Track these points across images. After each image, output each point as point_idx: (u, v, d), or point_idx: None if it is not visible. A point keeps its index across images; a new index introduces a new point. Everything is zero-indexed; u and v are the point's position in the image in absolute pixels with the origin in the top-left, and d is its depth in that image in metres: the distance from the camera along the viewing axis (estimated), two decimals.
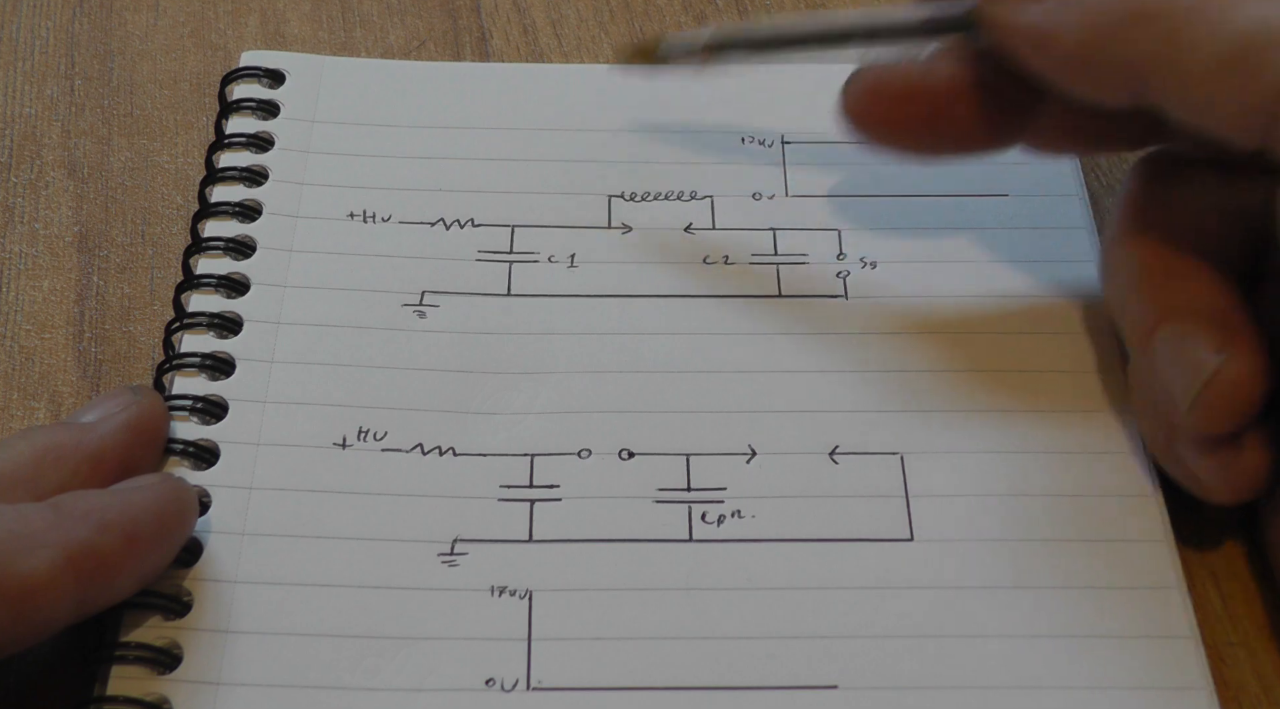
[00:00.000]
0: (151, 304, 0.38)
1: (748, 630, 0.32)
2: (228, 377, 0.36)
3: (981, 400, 0.36)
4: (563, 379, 0.36)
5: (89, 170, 0.41)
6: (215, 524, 0.33)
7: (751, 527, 0.34)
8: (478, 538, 0.33)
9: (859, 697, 0.31)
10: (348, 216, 0.40)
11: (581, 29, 0.45)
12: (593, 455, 0.35)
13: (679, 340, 0.37)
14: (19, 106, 0.43)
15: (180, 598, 0.32)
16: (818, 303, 0.38)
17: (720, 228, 0.40)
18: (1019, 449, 0.35)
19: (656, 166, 0.41)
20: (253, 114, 0.42)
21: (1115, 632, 0.32)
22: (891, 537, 0.34)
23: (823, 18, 0.36)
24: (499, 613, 0.32)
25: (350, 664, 0.31)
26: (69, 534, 0.29)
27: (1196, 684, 0.31)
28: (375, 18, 0.46)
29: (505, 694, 0.31)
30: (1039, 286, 0.38)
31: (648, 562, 0.33)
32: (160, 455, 0.34)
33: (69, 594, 0.29)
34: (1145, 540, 0.34)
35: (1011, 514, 0.34)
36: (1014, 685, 0.31)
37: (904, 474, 0.35)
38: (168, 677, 0.31)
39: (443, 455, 0.35)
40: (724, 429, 0.35)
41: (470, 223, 0.40)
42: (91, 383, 0.37)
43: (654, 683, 0.31)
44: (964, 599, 0.33)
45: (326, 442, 0.35)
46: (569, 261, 0.39)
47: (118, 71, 0.44)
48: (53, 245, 0.40)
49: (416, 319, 0.37)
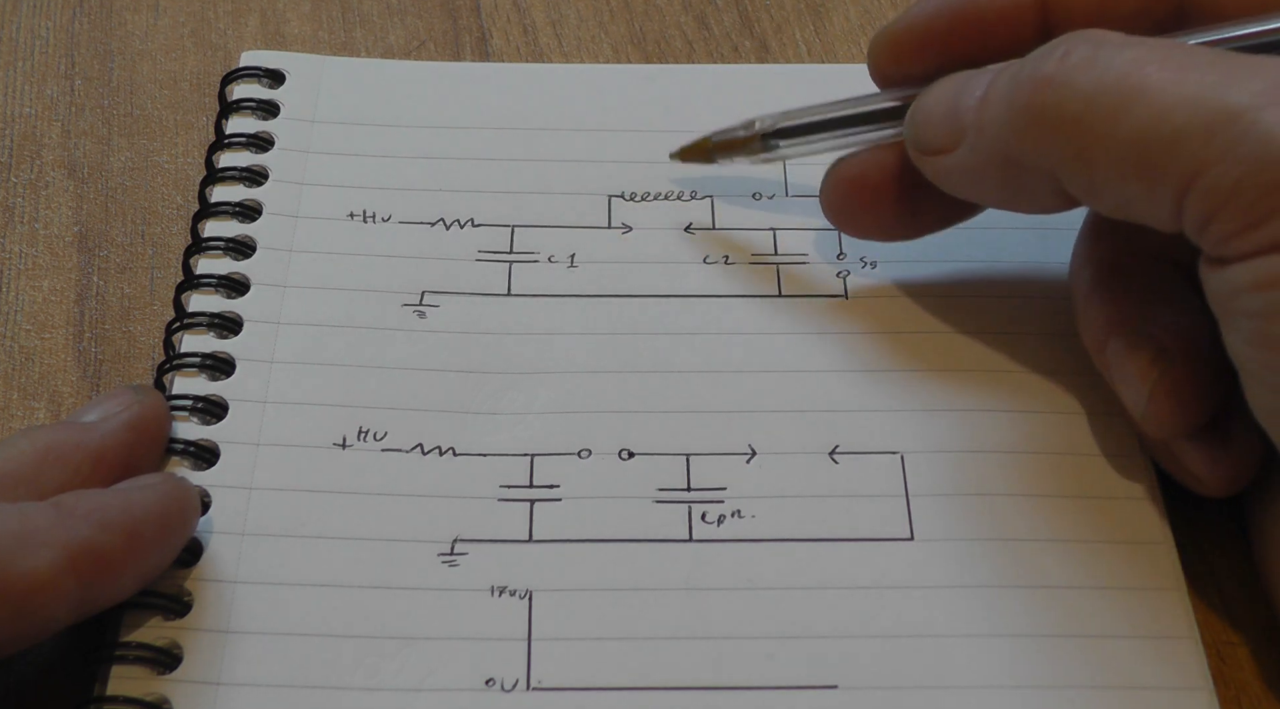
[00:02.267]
0: (151, 304, 0.38)
1: (748, 630, 0.32)
2: (228, 376, 0.36)
3: (981, 400, 0.36)
4: (563, 379, 0.36)
5: (89, 170, 0.41)
6: (215, 524, 0.33)
7: (751, 526, 0.34)
8: (478, 538, 0.33)
9: (859, 697, 0.31)
10: (348, 216, 0.40)
11: (581, 29, 0.45)
12: (593, 455, 0.35)
13: (679, 340, 0.37)
14: (19, 106, 0.43)
15: (180, 598, 0.32)
16: (818, 303, 0.38)
17: (720, 228, 0.40)
18: (1019, 449, 0.35)
19: (656, 166, 0.41)
20: (253, 114, 0.42)
21: (1115, 632, 0.32)
22: (891, 537, 0.34)
23: (861, 100, 0.36)
24: (499, 613, 0.32)
25: (350, 664, 0.31)
26: (70, 533, 0.29)
27: (1196, 684, 0.31)
28: (375, 18, 0.46)
29: (505, 694, 0.31)
30: (1038, 287, 0.38)
31: (648, 562, 0.33)
32: (161, 455, 0.34)
33: (70, 593, 0.29)
34: (1145, 540, 0.34)
35: (1011, 514, 0.34)
36: (1014, 685, 0.31)
37: (904, 474, 0.35)
38: (168, 677, 0.31)
39: (443, 455, 0.35)
40: (724, 429, 0.35)
41: (470, 223, 0.40)
42: (91, 383, 0.37)
43: (654, 683, 0.31)
44: (964, 599, 0.33)
45: (326, 442, 0.35)
46: (569, 261, 0.39)
47: (118, 71, 0.44)
48: (53, 245, 0.40)
49: (416, 319, 0.37)
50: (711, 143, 0.39)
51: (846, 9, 0.46)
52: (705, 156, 0.39)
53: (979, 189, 0.34)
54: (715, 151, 0.39)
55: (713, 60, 0.45)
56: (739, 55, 0.45)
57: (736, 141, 0.38)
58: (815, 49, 0.45)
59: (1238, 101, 0.28)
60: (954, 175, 0.34)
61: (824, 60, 0.45)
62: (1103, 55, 0.30)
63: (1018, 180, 0.32)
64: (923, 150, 0.34)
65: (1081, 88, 0.30)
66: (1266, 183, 0.28)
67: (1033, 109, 0.31)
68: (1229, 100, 0.28)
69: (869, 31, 0.45)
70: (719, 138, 0.39)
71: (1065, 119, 0.30)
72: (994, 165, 0.33)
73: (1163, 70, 0.29)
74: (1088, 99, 0.30)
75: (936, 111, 0.34)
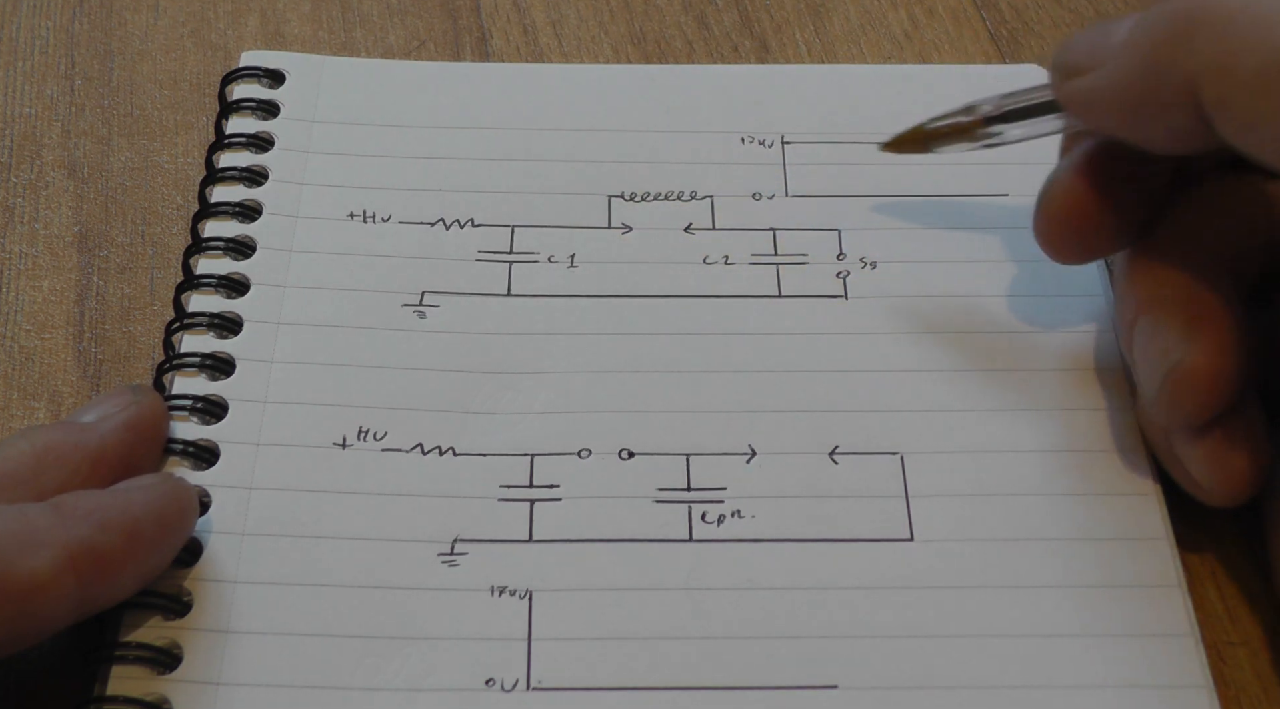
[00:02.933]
0: (151, 304, 0.38)
1: (748, 630, 0.32)
2: (228, 376, 0.36)
3: (981, 400, 0.36)
4: (563, 379, 0.36)
5: (89, 170, 0.41)
6: (215, 524, 0.33)
7: (751, 526, 0.34)
8: (478, 538, 0.33)
9: (859, 697, 0.31)
10: (348, 216, 0.40)
11: (581, 29, 0.45)
12: (593, 455, 0.35)
13: (679, 340, 0.37)
14: (19, 106, 0.43)
15: (180, 598, 0.32)
16: (818, 303, 0.38)
17: (720, 228, 0.40)
18: (1019, 449, 0.35)
19: (656, 166, 0.41)
20: (253, 114, 0.42)
21: (1115, 631, 0.32)
22: (891, 537, 0.34)
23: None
24: (499, 613, 0.32)
25: (350, 664, 0.31)
26: (70, 534, 0.29)
27: (1196, 684, 0.31)
28: (375, 18, 0.46)
29: (505, 694, 0.31)
30: (1039, 286, 0.38)
31: (648, 561, 0.33)
32: (160, 455, 0.34)
33: (70, 594, 0.29)
34: (1145, 540, 0.34)
35: (1011, 514, 0.34)
36: (1014, 685, 0.31)
37: (904, 474, 0.35)
38: (168, 677, 0.31)
39: (443, 455, 0.35)
40: (724, 429, 0.35)
41: (470, 223, 0.40)
42: (91, 383, 0.37)
43: (654, 683, 0.31)
44: (964, 599, 0.33)
45: (326, 442, 0.35)
46: (569, 261, 0.39)
47: (118, 71, 0.44)
48: (53, 245, 0.40)
49: (416, 319, 0.37)
50: (926, 130, 0.38)
51: (846, 9, 0.46)
52: (920, 147, 0.38)
53: (1111, 112, 0.33)
54: (931, 139, 0.37)
55: (713, 60, 0.45)
56: (739, 55, 0.45)
57: (958, 127, 0.37)
58: (815, 49, 0.45)
59: None
60: (1094, 95, 0.33)
61: (824, 60, 0.45)
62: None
63: (1156, 96, 0.31)
64: (1066, 72, 0.33)
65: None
66: None
67: (1180, 14, 0.30)
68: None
69: (869, 31, 0.45)
70: (934, 125, 0.37)
71: (1214, 23, 0.29)
72: (1135, 79, 0.32)
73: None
74: (1241, 6, 0.29)
75: (1084, 36, 0.33)
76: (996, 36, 0.45)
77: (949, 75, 0.44)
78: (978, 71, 0.44)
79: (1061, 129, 0.36)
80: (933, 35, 0.45)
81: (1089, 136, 0.35)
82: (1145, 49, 0.31)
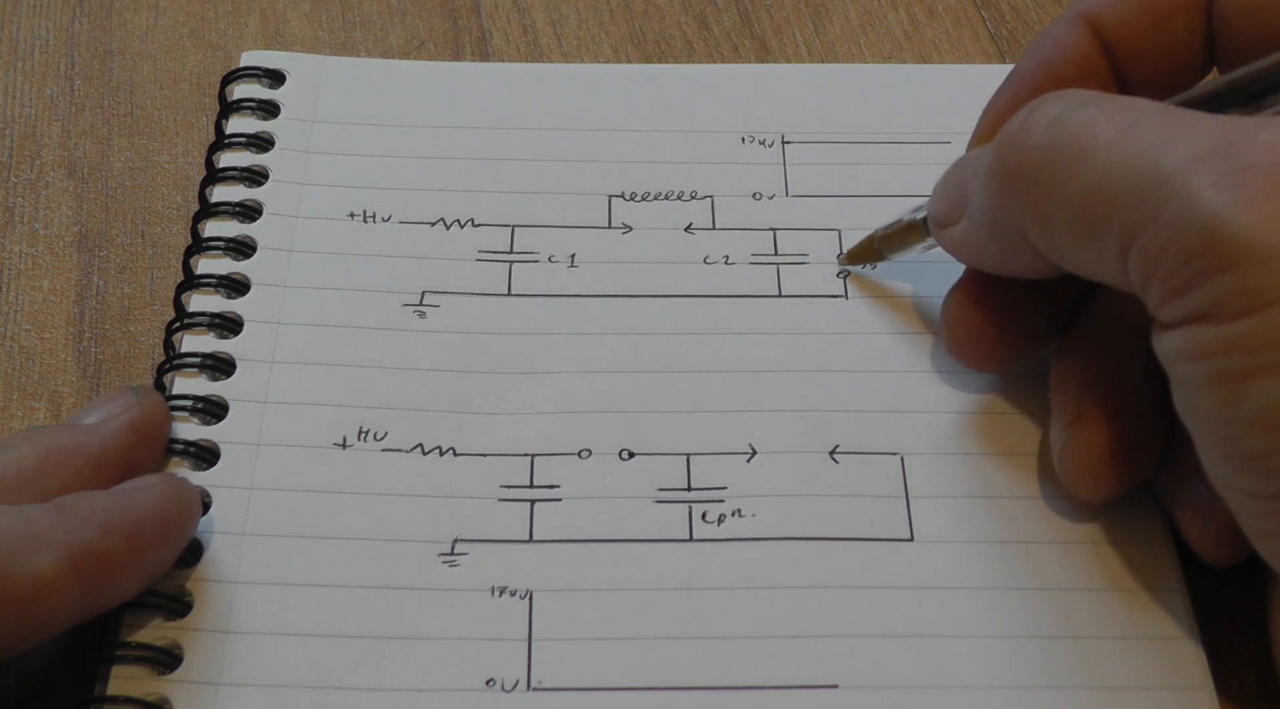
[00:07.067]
0: (151, 304, 0.38)
1: (748, 630, 0.32)
2: (228, 377, 0.36)
3: (981, 401, 0.36)
4: (563, 379, 0.36)
5: (89, 170, 0.41)
6: (216, 524, 0.33)
7: (752, 526, 0.34)
8: (478, 538, 0.33)
9: (859, 697, 0.31)
10: (348, 216, 0.40)
11: (581, 29, 0.45)
12: (593, 455, 0.35)
13: (679, 340, 0.37)
14: (19, 106, 0.43)
15: (181, 598, 0.32)
16: (818, 303, 0.38)
17: (720, 228, 0.40)
18: (1018, 451, 0.35)
19: (656, 166, 0.41)
20: (253, 114, 0.42)
21: (1115, 632, 0.32)
22: (891, 537, 0.34)
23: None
24: (499, 613, 0.32)
25: (350, 664, 0.31)
26: (72, 535, 0.29)
27: (1196, 684, 0.31)
28: (375, 18, 0.46)
29: (505, 694, 0.31)
30: None
31: (648, 561, 0.33)
32: (162, 456, 0.34)
33: (72, 595, 0.29)
34: (1145, 540, 0.34)
35: (1011, 514, 0.34)
36: (1014, 686, 0.31)
37: (904, 474, 0.35)
38: (168, 677, 0.31)
39: (443, 455, 0.35)
40: (724, 429, 0.35)
41: (470, 223, 0.40)
42: (91, 383, 0.37)
43: (654, 683, 0.31)
44: (964, 599, 0.33)
45: (326, 442, 0.35)
46: (569, 261, 0.39)
47: (118, 71, 0.44)
48: (53, 245, 0.40)
49: (416, 319, 0.37)
50: (878, 241, 0.38)
51: (846, 9, 0.46)
52: (874, 255, 0.38)
53: (980, 256, 0.34)
54: (883, 246, 0.38)
55: (713, 60, 0.45)
56: (739, 55, 0.45)
57: (899, 232, 0.37)
58: (815, 49, 0.45)
59: (1168, 165, 0.28)
60: (961, 245, 0.34)
61: (824, 60, 0.45)
62: (1062, 114, 0.30)
63: (1005, 242, 0.32)
64: (938, 223, 0.35)
65: (1038, 146, 0.30)
66: (1188, 250, 0.27)
67: (996, 167, 0.31)
68: (1161, 163, 0.28)
69: (869, 31, 0.45)
70: (883, 233, 0.38)
71: (1024, 176, 0.30)
72: (985, 230, 0.33)
73: (1109, 129, 0.29)
74: (1043, 157, 0.30)
75: (946, 185, 0.35)
76: (996, 36, 0.46)
77: (949, 75, 0.44)
78: (978, 71, 0.44)
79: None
80: (933, 35, 0.45)
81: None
82: (986, 202, 0.32)
